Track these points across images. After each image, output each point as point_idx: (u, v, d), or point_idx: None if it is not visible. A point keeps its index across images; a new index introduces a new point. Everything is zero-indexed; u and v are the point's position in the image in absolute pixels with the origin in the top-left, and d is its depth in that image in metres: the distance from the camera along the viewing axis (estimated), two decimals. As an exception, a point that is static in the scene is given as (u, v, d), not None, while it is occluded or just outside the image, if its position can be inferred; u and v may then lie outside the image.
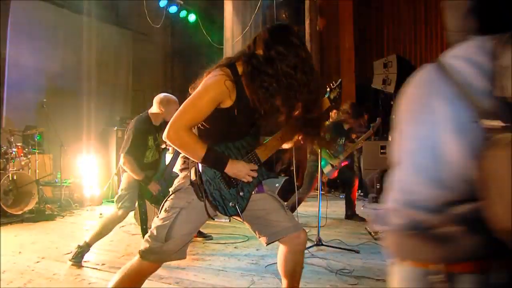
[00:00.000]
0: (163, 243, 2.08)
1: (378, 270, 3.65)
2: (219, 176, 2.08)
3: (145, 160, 3.99)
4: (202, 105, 1.99)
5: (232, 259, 3.99)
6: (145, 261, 2.13)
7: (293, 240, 2.26)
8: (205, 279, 3.40)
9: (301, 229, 2.29)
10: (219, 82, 1.98)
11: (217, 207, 2.07)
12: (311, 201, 6.40)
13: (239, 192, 2.13)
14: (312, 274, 3.54)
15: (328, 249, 4.27)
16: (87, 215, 6.18)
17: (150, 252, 2.11)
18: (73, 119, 8.20)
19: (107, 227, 3.80)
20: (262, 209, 2.25)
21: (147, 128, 3.97)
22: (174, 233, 2.09)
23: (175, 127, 1.96)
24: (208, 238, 4.61)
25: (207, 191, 2.04)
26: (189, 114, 1.99)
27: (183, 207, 2.10)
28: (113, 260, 3.90)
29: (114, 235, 4.57)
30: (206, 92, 1.99)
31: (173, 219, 2.08)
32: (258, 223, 2.28)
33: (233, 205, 2.10)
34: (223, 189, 2.09)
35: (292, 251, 2.29)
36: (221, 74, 2.00)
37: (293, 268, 2.31)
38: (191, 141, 1.98)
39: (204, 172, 2.05)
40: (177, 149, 2.05)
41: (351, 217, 5.84)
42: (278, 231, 2.24)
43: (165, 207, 2.15)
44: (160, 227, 2.10)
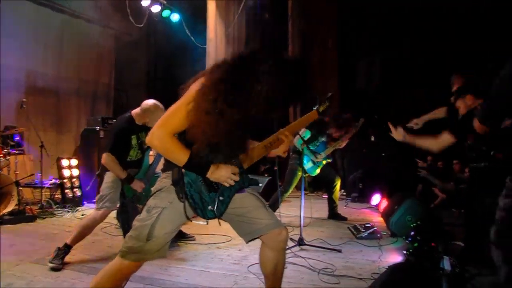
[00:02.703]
0: (145, 243, 2.09)
1: (360, 269, 3.71)
2: (200, 179, 2.10)
3: (128, 158, 3.98)
4: (186, 112, 1.98)
5: (215, 259, 3.99)
6: (126, 260, 2.13)
7: (275, 237, 2.29)
8: (187, 280, 3.40)
9: (282, 226, 2.32)
10: (206, 88, 1.98)
11: (196, 209, 2.10)
12: (294, 201, 6.44)
13: (219, 197, 2.15)
14: (295, 273, 3.57)
15: (311, 248, 4.31)
16: (69, 216, 6.10)
17: (131, 251, 2.12)
18: (54, 119, 8.10)
19: (87, 227, 3.77)
20: (243, 207, 2.28)
21: (131, 128, 3.96)
22: (156, 233, 2.10)
23: (158, 132, 1.99)
24: (191, 239, 4.60)
25: (187, 193, 2.06)
26: (173, 121, 2.01)
27: (165, 206, 2.12)
28: (94, 261, 3.86)
29: (95, 236, 4.54)
30: (192, 99, 1.99)
31: (155, 218, 2.10)
32: (239, 221, 2.30)
33: (212, 209, 2.12)
34: (204, 193, 2.11)
35: (274, 249, 2.32)
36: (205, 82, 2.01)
37: (274, 266, 2.34)
38: (174, 148, 2.01)
39: (186, 174, 2.07)
40: (160, 154, 2.07)
41: (334, 217, 5.91)
42: (259, 228, 2.28)
43: (146, 207, 2.16)
44: (142, 226, 2.11)
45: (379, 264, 3.84)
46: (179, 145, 2.01)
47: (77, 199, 6.92)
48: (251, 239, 2.32)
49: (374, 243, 4.57)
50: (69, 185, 6.95)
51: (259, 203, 2.34)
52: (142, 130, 4.04)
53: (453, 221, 5.62)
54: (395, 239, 4.74)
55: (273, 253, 2.32)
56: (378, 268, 3.65)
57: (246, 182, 2.27)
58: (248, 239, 2.33)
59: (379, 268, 3.66)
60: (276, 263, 2.34)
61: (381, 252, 4.23)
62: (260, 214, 2.29)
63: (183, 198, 2.07)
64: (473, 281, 3.30)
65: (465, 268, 3.47)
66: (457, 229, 4.97)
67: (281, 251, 2.35)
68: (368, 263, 3.92)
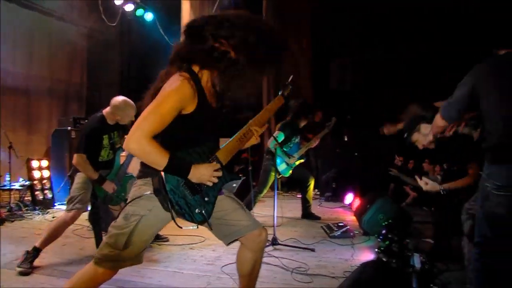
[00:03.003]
0: (121, 251, 2.06)
1: (333, 268, 3.75)
2: (182, 184, 2.05)
3: (100, 159, 3.93)
4: (163, 113, 1.95)
5: (188, 260, 3.98)
6: (101, 267, 2.09)
7: (254, 238, 2.30)
8: (160, 282, 3.38)
9: (261, 227, 2.34)
10: (181, 88, 1.97)
11: (184, 215, 2.05)
12: (268, 201, 6.47)
13: (204, 198, 2.12)
14: (268, 273, 3.58)
15: (284, 248, 4.34)
16: (39, 219, 5.97)
17: (106, 259, 2.08)
18: (24, 119, 7.90)
19: (58, 230, 3.71)
20: (221, 210, 2.26)
21: (102, 127, 3.91)
22: (133, 240, 2.07)
23: (135, 136, 1.92)
24: (164, 240, 4.57)
25: (172, 200, 2.01)
26: (150, 123, 1.94)
27: (144, 214, 2.07)
28: (65, 265, 3.79)
29: (66, 238, 4.46)
30: (168, 99, 1.96)
31: (133, 226, 2.06)
32: (218, 224, 2.29)
33: (200, 211, 2.09)
34: (188, 197, 2.07)
35: (253, 250, 2.32)
36: (182, 79, 1.99)
37: (252, 267, 2.35)
38: (153, 150, 1.94)
39: (168, 181, 2.01)
40: (139, 158, 2.02)
41: (307, 216, 5.96)
42: (238, 229, 2.28)
43: (124, 214, 2.10)
44: (119, 234, 2.06)
45: (351, 262, 3.90)
46: (158, 147, 1.95)
47: (47, 201, 6.79)
48: (231, 241, 2.32)
49: (347, 241, 4.63)
50: (40, 187, 6.80)
51: (237, 205, 2.34)
52: (114, 129, 3.99)
53: (423, 219, 5.74)
54: (368, 238, 4.82)
55: (252, 254, 2.33)
56: (350, 266, 3.71)
57: (228, 178, 2.25)
58: (228, 241, 2.32)
59: (351, 266, 3.72)
60: (254, 264, 2.35)
61: (353, 251, 4.29)
62: (239, 216, 2.29)
63: (169, 207, 2.02)
64: (441, 277, 3.39)
65: (434, 264, 3.56)
66: (427, 226, 5.09)
67: (260, 252, 2.36)
68: (340, 261, 3.97)
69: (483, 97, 2.25)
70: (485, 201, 2.23)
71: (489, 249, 2.25)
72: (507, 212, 2.14)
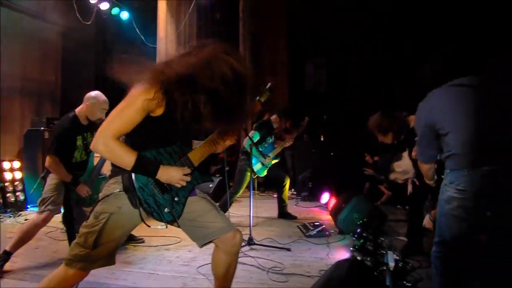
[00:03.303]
0: (91, 250, 2.04)
1: (308, 267, 3.79)
2: (152, 182, 2.06)
3: (73, 160, 3.86)
4: (131, 115, 1.96)
5: (163, 261, 3.95)
6: (71, 268, 2.06)
7: (228, 241, 2.29)
8: (135, 283, 3.35)
9: (235, 229, 2.33)
10: (149, 90, 1.96)
11: (152, 213, 2.06)
12: (244, 201, 6.48)
13: (173, 197, 2.12)
14: (244, 273, 3.60)
15: (260, 248, 4.35)
16: (10, 222, 5.83)
17: (77, 259, 2.06)
18: (-6, 120, 7.70)
19: (29, 232, 3.63)
20: (195, 211, 2.26)
21: (75, 128, 3.84)
22: (103, 239, 2.06)
23: (102, 136, 1.93)
24: (140, 241, 4.53)
25: (140, 198, 2.02)
26: (117, 124, 1.95)
27: (113, 212, 2.07)
28: (37, 269, 3.71)
29: (39, 241, 4.38)
30: (136, 100, 1.96)
31: (102, 224, 2.05)
32: (192, 226, 2.28)
33: (169, 211, 2.09)
34: (157, 195, 2.07)
35: (227, 252, 2.32)
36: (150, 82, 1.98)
37: (227, 269, 2.35)
38: (120, 151, 1.95)
39: (137, 178, 2.02)
40: (106, 158, 2.02)
41: (284, 216, 5.98)
42: (212, 231, 2.27)
43: (94, 213, 2.10)
44: (88, 233, 2.05)
45: (327, 261, 3.95)
46: (125, 148, 1.97)
47: (19, 203, 6.63)
48: (205, 243, 2.31)
49: (322, 240, 4.68)
50: (11, 189, 6.64)
51: (211, 207, 2.33)
52: (88, 130, 3.93)
53: (398, 217, 5.85)
54: (343, 236, 4.87)
55: (226, 256, 2.33)
56: (325, 265, 3.75)
57: (199, 180, 2.25)
58: (202, 243, 2.31)
59: (326, 265, 3.76)
60: (228, 266, 2.35)
61: (329, 250, 4.34)
62: (213, 218, 2.29)
63: (137, 204, 2.03)
64: (414, 274, 3.46)
65: (407, 262, 3.63)
66: (401, 225, 5.19)
67: (234, 255, 2.35)
68: (316, 260, 4.01)
69: (440, 122, 2.45)
70: (447, 204, 2.38)
71: (448, 247, 2.41)
72: (467, 213, 2.30)
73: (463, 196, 2.30)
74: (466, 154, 2.31)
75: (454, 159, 2.36)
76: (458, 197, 2.32)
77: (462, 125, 2.36)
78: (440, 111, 2.47)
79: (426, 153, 2.64)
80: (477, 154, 2.30)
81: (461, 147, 2.33)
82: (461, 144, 2.33)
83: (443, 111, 2.45)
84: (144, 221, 2.10)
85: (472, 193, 2.28)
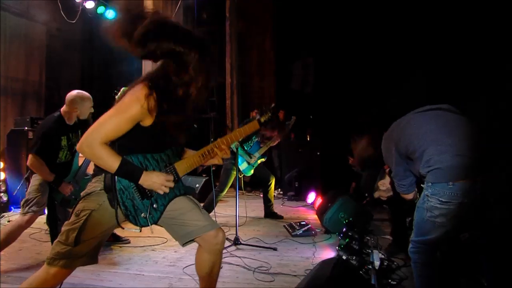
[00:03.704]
0: (73, 247, 2.04)
1: (295, 266, 3.80)
2: (133, 186, 2.08)
3: (57, 160, 3.82)
4: (120, 123, 1.97)
5: (149, 262, 3.93)
6: (53, 267, 2.06)
7: (211, 240, 2.28)
8: (121, 284, 3.33)
9: (218, 228, 2.31)
10: (140, 100, 1.97)
11: (128, 216, 2.07)
12: (231, 201, 6.48)
13: (152, 204, 2.14)
14: (230, 273, 3.60)
15: (246, 247, 4.35)
16: (-6, 222, 5.76)
17: (58, 256, 2.05)
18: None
19: (12, 234, 3.58)
20: (176, 210, 2.25)
21: (60, 128, 3.80)
22: (85, 236, 2.06)
23: (89, 140, 1.95)
24: (125, 242, 4.50)
25: (119, 199, 2.03)
26: (105, 129, 1.96)
27: (94, 209, 2.07)
28: (20, 270, 3.66)
29: (23, 243, 4.33)
30: (126, 109, 1.97)
31: (83, 221, 2.05)
32: (173, 224, 2.28)
33: (145, 216, 2.11)
34: (137, 199, 2.09)
35: (210, 251, 2.30)
36: (143, 91, 1.99)
37: (210, 269, 2.33)
38: (104, 155, 1.97)
39: (119, 180, 2.04)
40: (90, 160, 2.04)
41: (270, 216, 5.99)
42: (193, 230, 2.26)
43: (75, 211, 2.10)
44: (70, 230, 2.06)
45: (313, 260, 3.96)
46: (109, 151, 1.98)
47: (3, 204, 6.53)
48: (186, 241, 2.30)
49: (308, 240, 4.70)
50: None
51: (193, 205, 2.31)
52: (73, 130, 3.89)
53: (383, 216, 5.90)
54: (329, 236, 4.89)
55: (210, 255, 2.31)
56: (311, 265, 3.76)
57: (182, 190, 2.27)
58: (183, 241, 2.30)
59: (312, 264, 3.77)
60: (212, 266, 2.34)
61: (315, 249, 4.36)
62: (195, 216, 2.27)
63: (115, 205, 2.04)
64: (398, 272, 3.50)
65: (392, 260, 3.68)
66: (387, 224, 5.23)
67: (218, 254, 2.34)
68: (302, 260, 4.02)
69: (414, 143, 2.65)
70: (428, 212, 2.56)
71: (425, 245, 2.63)
72: (447, 219, 2.51)
73: (446, 207, 2.48)
74: (448, 168, 2.47)
75: (436, 173, 2.51)
76: (440, 207, 2.49)
77: (442, 142, 2.54)
78: (414, 133, 2.67)
79: (405, 183, 2.85)
80: (457, 169, 2.46)
81: (443, 162, 2.49)
82: (443, 160, 2.49)
83: (418, 133, 2.65)
84: (118, 223, 2.11)
85: (454, 204, 2.46)
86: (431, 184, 2.54)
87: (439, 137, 2.56)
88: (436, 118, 2.69)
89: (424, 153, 2.57)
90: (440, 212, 2.50)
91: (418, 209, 2.66)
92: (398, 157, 2.76)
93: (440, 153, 2.51)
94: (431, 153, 2.54)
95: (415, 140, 2.64)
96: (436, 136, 2.58)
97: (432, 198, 2.53)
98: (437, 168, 2.50)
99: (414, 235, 2.70)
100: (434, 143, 2.56)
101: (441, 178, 2.48)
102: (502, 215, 2.64)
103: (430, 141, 2.57)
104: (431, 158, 2.53)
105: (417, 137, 2.64)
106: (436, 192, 2.50)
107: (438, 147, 2.53)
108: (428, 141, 2.57)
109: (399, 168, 2.81)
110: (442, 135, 2.57)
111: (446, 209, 2.48)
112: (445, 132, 2.58)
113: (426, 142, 2.57)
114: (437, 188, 2.50)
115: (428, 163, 2.54)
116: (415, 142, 2.64)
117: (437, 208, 2.50)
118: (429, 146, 2.56)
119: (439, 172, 2.49)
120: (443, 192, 2.47)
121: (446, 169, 2.47)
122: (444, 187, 2.47)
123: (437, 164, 2.50)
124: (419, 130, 2.67)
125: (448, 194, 2.46)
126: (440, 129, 2.61)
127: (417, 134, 2.65)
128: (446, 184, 2.46)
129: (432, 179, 2.53)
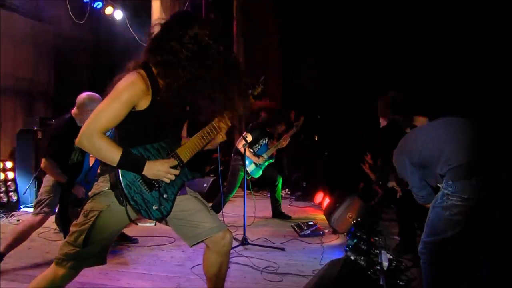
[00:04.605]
0: (81, 248, 2.03)
1: (302, 266, 3.79)
2: (139, 179, 2.04)
3: (70, 162, 3.85)
4: (115, 109, 1.94)
5: (157, 261, 3.94)
6: (62, 268, 2.05)
7: (218, 241, 2.27)
8: (129, 284, 3.34)
9: (226, 229, 2.30)
10: (133, 83, 1.95)
11: (140, 211, 2.03)
12: (238, 201, 6.48)
13: (162, 195, 2.10)
14: (238, 273, 3.60)
15: (254, 247, 4.35)
16: (3, 222, 5.79)
17: (67, 258, 2.05)
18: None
19: (24, 234, 3.61)
20: (185, 210, 2.24)
21: (71, 130, 3.81)
22: (93, 237, 2.05)
23: (87, 132, 1.92)
24: (134, 242, 4.52)
25: (127, 195, 1.99)
26: (102, 119, 1.93)
27: (102, 210, 2.06)
28: (30, 269, 3.70)
29: (32, 241, 4.35)
30: (120, 95, 1.95)
31: (91, 222, 2.04)
32: (182, 225, 2.27)
33: (157, 208, 2.06)
34: (145, 192, 2.05)
35: (218, 253, 2.30)
36: (134, 75, 1.97)
37: (218, 269, 2.33)
38: (104, 147, 1.93)
39: (124, 176, 2.00)
40: (91, 154, 2.01)
41: (277, 216, 5.98)
42: (201, 232, 2.25)
43: (83, 211, 2.09)
44: (78, 231, 2.05)
45: (320, 260, 3.95)
46: (110, 143, 1.94)
47: (12, 203, 6.59)
48: (195, 243, 2.29)
49: (316, 240, 4.69)
50: (4, 189, 6.59)
51: (202, 206, 2.30)
52: None
53: (392, 217, 5.86)
54: (337, 236, 4.88)
55: (217, 256, 2.31)
56: (319, 265, 3.75)
57: (188, 176, 2.22)
58: (192, 243, 2.29)
59: (320, 264, 3.77)
60: (219, 266, 2.33)
61: (323, 249, 4.35)
62: (203, 217, 2.27)
63: (124, 202, 2.01)
64: (407, 273, 3.48)
65: (401, 261, 3.65)
66: (395, 224, 5.20)
67: (225, 255, 2.33)
68: (310, 260, 4.01)
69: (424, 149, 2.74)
70: (446, 211, 2.59)
71: (438, 245, 2.66)
72: (464, 218, 2.55)
73: (467, 204, 2.52)
74: (469, 164, 2.53)
75: (457, 171, 2.56)
76: (461, 205, 2.53)
77: (457, 140, 2.64)
78: (425, 139, 2.76)
79: (423, 194, 2.86)
80: (477, 164, 2.53)
81: (463, 159, 2.55)
82: (462, 156, 2.56)
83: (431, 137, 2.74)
84: (130, 219, 2.09)
85: (475, 200, 2.52)
86: (452, 183, 2.58)
87: (452, 136, 2.66)
88: (441, 125, 2.82)
89: (441, 154, 2.63)
90: (459, 209, 2.54)
91: (435, 208, 2.68)
92: (411, 167, 2.82)
93: (458, 150, 2.58)
94: (449, 151, 2.61)
95: (428, 144, 2.72)
96: (449, 136, 2.67)
97: (453, 196, 2.56)
98: (457, 165, 2.55)
99: (425, 235, 2.72)
100: (448, 143, 2.64)
101: (463, 174, 2.53)
102: (502, 215, 2.67)
103: (445, 142, 2.65)
104: (450, 157, 2.59)
105: (430, 141, 2.72)
106: (458, 189, 2.55)
107: (454, 145, 2.61)
108: (443, 144, 2.65)
109: (414, 178, 2.86)
110: (453, 134, 2.68)
111: (466, 206, 2.52)
112: (455, 132, 2.69)
113: (442, 145, 2.66)
114: (458, 185, 2.55)
115: (447, 162, 2.59)
116: (429, 146, 2.70)
117: (457, 206, 2.54)
118: (445, 147, 2.63)
119: (460, 169, 2.54)
120: (464, 189, 2.52)
121: (467, 165, 2.52)
122: (465, 184, 2.53)
123: (457, 161, 2.56)
124: (430, 135, 2.76)
125: (471, 190, 2.51)
126: (450, 131, 2.72)
127: (430, 139, 2.74)
128: (469, 180, 2.52)
129: (453, 177, 2.57)
